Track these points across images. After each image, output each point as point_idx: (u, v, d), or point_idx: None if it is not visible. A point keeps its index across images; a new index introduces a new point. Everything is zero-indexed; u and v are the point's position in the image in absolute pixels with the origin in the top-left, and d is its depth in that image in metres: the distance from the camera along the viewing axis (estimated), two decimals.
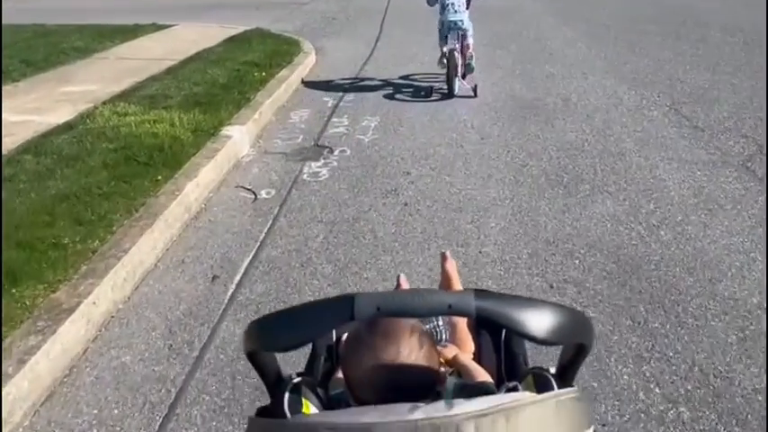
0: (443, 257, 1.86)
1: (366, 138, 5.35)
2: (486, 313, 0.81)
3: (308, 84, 7.22)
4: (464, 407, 0.78)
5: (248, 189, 4.39)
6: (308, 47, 8.61)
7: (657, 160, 4.51)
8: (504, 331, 1.47)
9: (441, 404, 0.80)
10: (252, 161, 4.92)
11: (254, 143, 5.29)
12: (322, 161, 4.88)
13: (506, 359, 1.45)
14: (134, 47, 8.70)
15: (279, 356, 1.02)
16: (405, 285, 1.90)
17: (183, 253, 3.53)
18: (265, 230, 3.77)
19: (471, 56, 6.60)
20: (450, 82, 6.41)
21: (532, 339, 0.83)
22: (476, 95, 6.38)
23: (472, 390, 1.13)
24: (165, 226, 3.59)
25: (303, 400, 1.04)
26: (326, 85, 7.12)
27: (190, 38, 9.37)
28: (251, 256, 3.47)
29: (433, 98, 6.65)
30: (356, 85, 7.07)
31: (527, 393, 0.92)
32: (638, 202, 3.87)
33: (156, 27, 10.42)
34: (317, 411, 1.04)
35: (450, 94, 6.48)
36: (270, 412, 0.99)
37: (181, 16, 12.56)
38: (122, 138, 4.66)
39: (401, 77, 7.40)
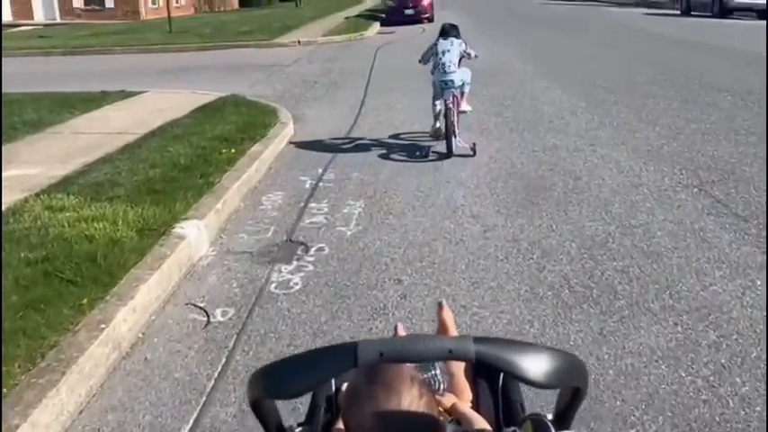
0: (440, 307, 1.74)
1: (348, 230, 4.53)
2: (485, 357, 0.84)
3: (284, 159, 6.46)
4: None
5: (200, 308, 3.52)
6: (285, 116, 7.90)
7: (702, 262, 3.71)
8: (501, 379, 1.47)
9: None
10: (209, 265, 4.07)
11: (214, 240, 4.46)
12: (295, 263, 4.04)
13: (504, 406, 1.44)
14: (94, 118, 7.94)
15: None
16: (402, 334, 1.68)
17: (99, 419, 2.63)
18: (215, 376, 2.89)
19: (466, 110, 6.73)
20: (448, 140, 6.21)
21: (530, 383, 0.86)
22: (474, 154, 6.18)
23: None
24: (80, 378, 2.70)
25: None
26: (305, 161, 6.36)
27: (158, 107, 8.64)
28: (190, 424, 2.58)
29: (430, 157, 6.15)
30: (338, 161, 6.31)
31: None
32: (694, 328, 3.04)
33: (125, 94, 9.71)
34: None
35: (448, 154, 6.24)
36: None
37: (159, 80, 11.94)
38: (48, 243, 3.80)
39: (387, 146, 6.66)
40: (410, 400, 0.98)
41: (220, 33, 21.03)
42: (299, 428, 1.10)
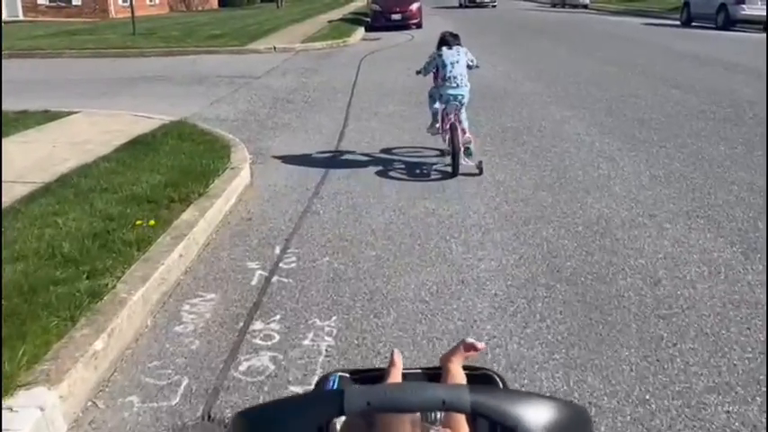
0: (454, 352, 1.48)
1: (311, 382, 2.76)
2: (481, 409, 0.80)
3: (229, 229, 4.66)
4: None
5: None
6: (241, 155, 6.10)
7: None
8: None
9: None
10: None
11: (83, 408, 2.65)
12: None
13: None
14: None
15: None
16: (398, 363, 1.47)
17: None
18: None
19: (469, 140, 5.94)
20: (455, 158, 5.78)
21: None
22: (481, 173, 5.81)
23: None
24: None
25: None
26: (259, 232, 4.57)
27: (80, 137, 6.79)
28: None
29: (435, 193, 4.07)
30: (306, 231, 4.54)
31: None
32: None
33: (48, 116, 7.83)
34: None
35: (454, 173, 5.80)
36: None
37: (101, 94, 10.07)
38: None
39: (372, 205, 4.88)
40: None
41: (189, 36, 19.11)
42: None
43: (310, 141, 7.24)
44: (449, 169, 5.85)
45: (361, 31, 21.21)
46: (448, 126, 5.81)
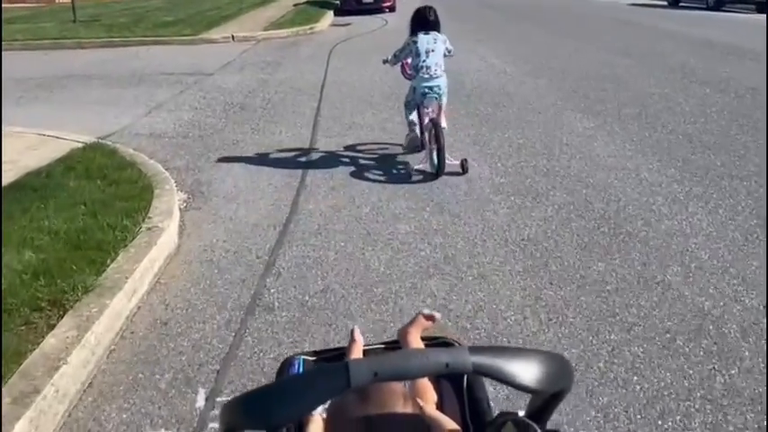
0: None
1: None
2: (482, 368, 0.83)
3: (129, 348, 2.97)
4: None
5: None
6: (167, 201, 4.42)
7: None
8: (465, 378, 1.43)
9: None
10: None
11: None
12: None
13: (470, 405, 1.40)
14: None
15: None
16: (359, 339, 1.53)
17: None
18: None
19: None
20: (439, 155, 5.10)
21: (526, 390, 0.86)
22: (465, 171, 5.23)
23: None
24: None
25: None
26: (172, 361, 2.89)
27: None
28: None
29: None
30: (248, 355, 2.88)
31: None
32: None
33: None
34: None
35: (437, 173, 5.14)
36: None
37: (19, 99, 8.15)
38: None
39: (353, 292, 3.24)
40: (395, 414, 0.97)
41: (137, 24, 17.04)
42: None
43: (268, 169, 5.54)
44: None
45: (329, 16, 19.35)
46: (428, 121, 5.23)
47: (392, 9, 21.25)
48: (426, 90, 5.11)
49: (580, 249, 3.81)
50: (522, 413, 1.05)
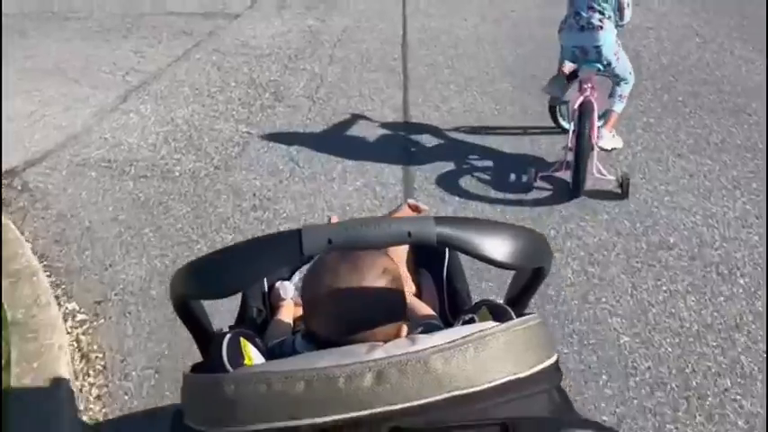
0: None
1: None
2: (447, 239, 0.76)
3: None
4: (427, 341, 0.70)
5: None
6: None
7: None
8: (445, 267, 1.38)
9: (402, 341, 0.75)
10: None
11: None
12: None
13: (449, 295, 1.37)
14: None
15: None
16: None
17: None
18: None
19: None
20: (579, 166, 3.05)
21: (493, 263, 0.79)
22: (624, 193, 3.15)
23: (423, 327, 1.06)
24: None
25: (244, 351, 0.88)
26: None
27: None
28: None
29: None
30: None
31: (490, 323, 0.78)
32: None
33: None
34: (260, 362, 0.89)
35: (576, 190, 3.11)
36: (207, 368, 0.84)
37: None
38: None
39: None
40: (375, 280, 0.86)
41: None
42: (232, 331, 0.90)
43: None
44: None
45: None
46: (576, 105, 3.17)
47: None
48: (574, 52, 3.30)
49: None
50: (501, 300, 1.00)
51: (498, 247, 0.78)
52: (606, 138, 3.26)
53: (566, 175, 3.23)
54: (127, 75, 5.29)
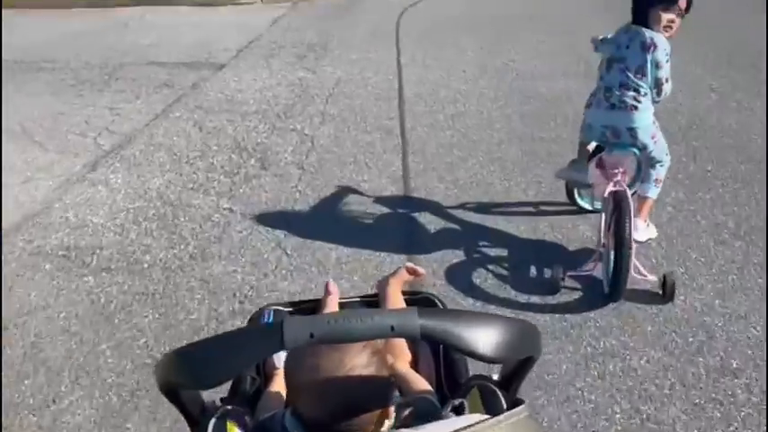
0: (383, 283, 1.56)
1: None
2: (431, 333, 0.76)
3: None
4: None
5: None
6: None
7: None
8: None
9: None
10: None
11: None
12: None
13: (445, 366, 1.34)
14: None
15: None
16: (334, 292, 1.54)
17: None
18: None
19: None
20: (619, 265, 2.53)
21: (482, 359, 0.78)
22: (668, 297, 2.66)
23: (415, 405, 1.04)
24: None
25: (229, 427, 0.93)
26: None
27: None
28: None
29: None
30: None
31: (476, 416, 0.84)
32: None
33: None
34: None
35: (614, 295, 2.60)
36: None
37: None
38: None
39: None
40: (353, 364, 0.85)
41: None
42: (226, 407, 0.97)
43: None
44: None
45: None
46: (609, 191, 2.71)
47: None
48: (603, 132, 2.79)
49: None
50: (496, 376, 0.99)
51: (484, 340, 0.77)
52: (641, 229, 2.82)
53: (597, 270, 2.78)
54: (99, 136, 4.84)
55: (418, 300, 1.46)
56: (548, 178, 3.91)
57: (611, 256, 2.65)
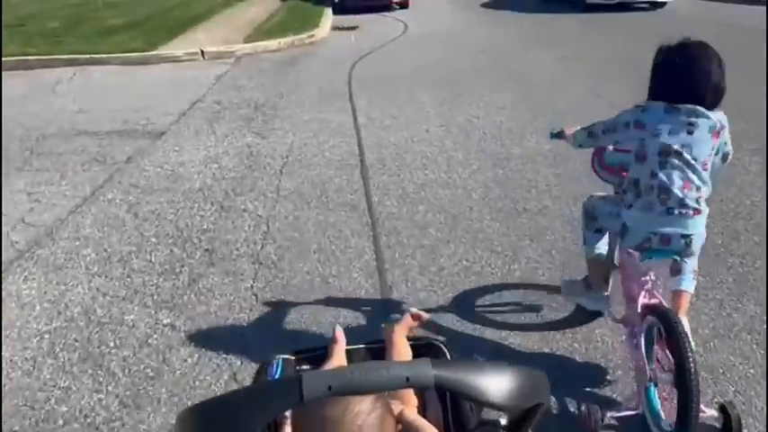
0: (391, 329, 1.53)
1: None
2: (445, 383, 0.77)
3: None
4: None
5: None
6: None
7: None
8: None
9: None
10: None
11: None
12: None
13: (453, 410, 1.33)
14: None
15: None
16: (341, 340, 1.49)
17: None
18: None
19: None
20: (686, 405, 1.90)
21: (494, 407, 0.81)
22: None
23: None
24: None
25: None
26: None
27: None
28: None
29: None
30: None
31: None
32: None
33: None
34: None
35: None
36: None
37: None
38: None
39: None
40: (359, 409, 0.93)
41: (71, 30, 12.46)
42: None
43: None
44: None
45: (328, 16, 14.90)
46: (644, 301, 2.28)
47: (404, 5, 16.92)
48: (652, 237, 2.21)
49: None
50: (504, 421, 1.00)
51: (496, 389, 0.79)
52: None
53: (642, 406, 2.22)
54: (13, 231, 4.10)
55: (423, 345, 1.48)
56: (544, 263, 3.41)
57: (654, 389, 2.12)
